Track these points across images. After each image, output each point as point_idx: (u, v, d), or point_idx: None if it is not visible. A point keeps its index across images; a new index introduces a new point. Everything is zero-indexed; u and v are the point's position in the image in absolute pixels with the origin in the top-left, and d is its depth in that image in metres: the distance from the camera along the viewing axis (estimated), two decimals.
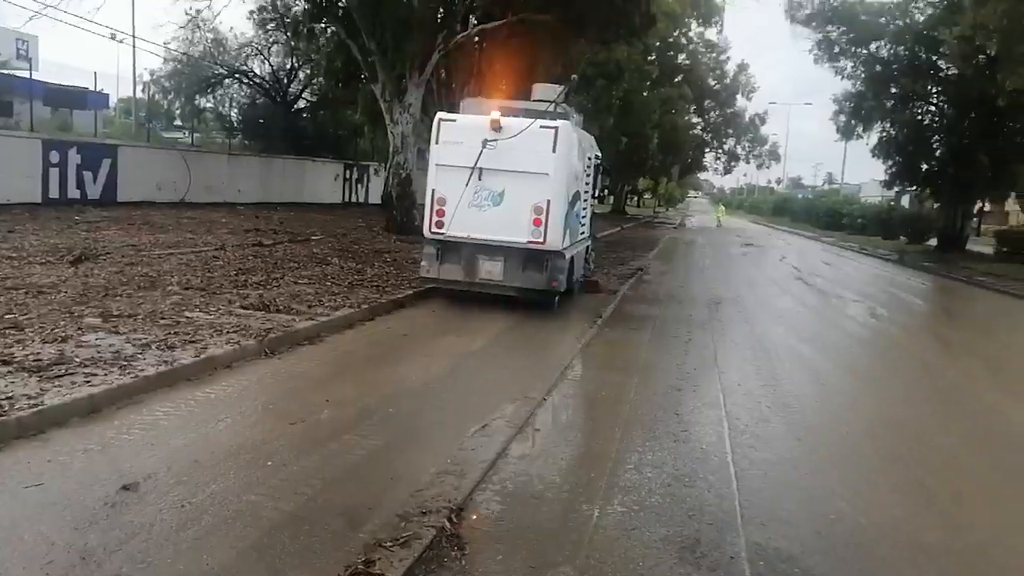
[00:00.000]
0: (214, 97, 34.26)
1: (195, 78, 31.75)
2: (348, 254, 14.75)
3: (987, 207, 45.11)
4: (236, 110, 35.29)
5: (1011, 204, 46.22)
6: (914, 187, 37.13)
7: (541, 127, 10.27)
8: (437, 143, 10.72)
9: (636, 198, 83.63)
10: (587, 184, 12.80)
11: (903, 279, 22.40)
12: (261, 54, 33.46)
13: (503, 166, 10.34)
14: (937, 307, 17.58)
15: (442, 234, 10.65)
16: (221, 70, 32.80)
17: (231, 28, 32.19)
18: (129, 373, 5.88)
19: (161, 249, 12.84)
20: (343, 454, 4.99)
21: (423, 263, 11.02)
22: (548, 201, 10.34)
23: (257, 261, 12.54)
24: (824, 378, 8.85)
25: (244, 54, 33.34)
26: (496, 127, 10.25)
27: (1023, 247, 26.69)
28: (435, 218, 10.66)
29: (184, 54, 30.11)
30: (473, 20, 21.68)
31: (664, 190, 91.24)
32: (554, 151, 10.29)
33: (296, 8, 23.61)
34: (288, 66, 34.32)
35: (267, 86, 34.32)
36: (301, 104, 35.38)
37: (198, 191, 23.36)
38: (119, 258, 11.35)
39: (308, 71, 32.67)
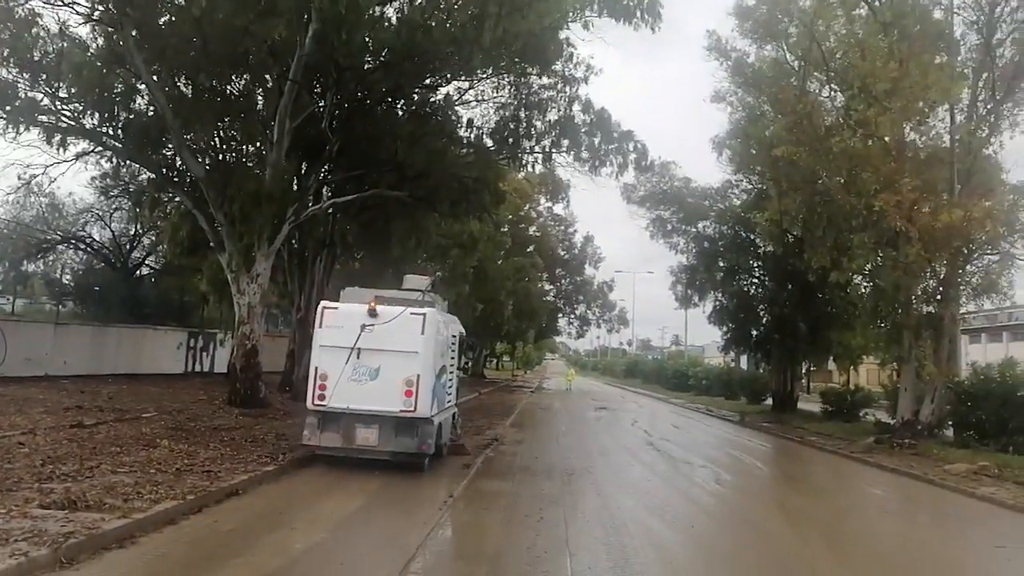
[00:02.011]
0: (44, 263, 32.18)
1: (23, 243, 29.85)
2: (182, 433, 13.61)
3: (813, 368, 49.16)
4: (69, 276, 33.23)
5: (832, 364, 50.66)
6: (747, 351, 40.04)
7: (411, 314, 11.99)
8: (321, 327, 12.25)
9: (495, 361, 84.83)
10: (452, 358, 14.45)
11: (744, 441, 23.48)
12: (102, 220, 32.20)
13: (379, 346, 11.84)
14: (776, 469, 18.42)
15: (324, 405, 11.89)
16: (55, 235, 31.10)
17: (70, 193, 30.76)
18: None
19: None
20: None
21: (305, 432, 12.09)
22: (418, 375, 11.85)
23: (72, 446, 11.27)
24: (672, 555, 8.82)
25: (83, 220, 31.95)
26: (373, 313, 11.89)
27: (843, 405, 28.94)
28: (317, 391, 11.92)
29: (11, 220, 28.41)
30: (327, 193, 22.12)
31: (521, 353, 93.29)
32: (423, 333, 11.95)
33: (142, 177, 23.11)
34: (131, 232, 33.15)
35: (106, 252, 32.79)
36: (144, 271, 33.91)
37: (15, 364, 21.20)
38: None
39: (152, 238, 31.65)
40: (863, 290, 24.12)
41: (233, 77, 19.16)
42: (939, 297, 20.68)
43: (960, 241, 18.98)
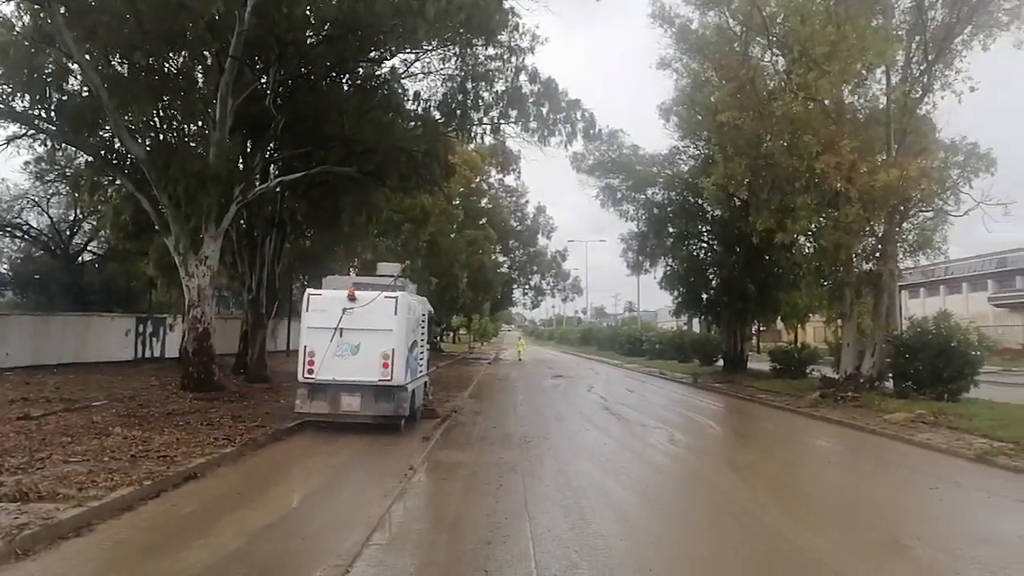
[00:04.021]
0: None
1: None
2: (135, 420, 13.46)
3: (763, 328, 50.49)
4: (7, 265, 32.15)
5: (780, 323, 52.07)
6: (698, 315, 40.88)
7: (385, 297, 14.09)
8: (308, 311, 14.22)
9: (451, 334, 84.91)
10: (423, 334, 16.59)
11: (697, 401, 24.11)
12: (38, 206, 31.12)
13: (358, 326, 13.85)
14: (727, 428, 18.97)
15: (313, 378, 13.89)
16: None
17: (3, 180, 29.59)
18: None
19: None
20: None
21: (297, 401, 14.18)
22: (393, 349, 13.91)
23: (20, 438, 11.08)
24: (629, 514, 9.11)
25: (18, 206, 30.84)
26: (352, 298, 13.90)
27: (790, 363, 29.86)
28: (307, 367, 13.91)
29: None
30: (274, 171, 21.75)
31: (478, 326, 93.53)
32: (396, 313, 13.99)
33: (79, 160, 22.33)
34: (71, 218, 32.13)
35: (45, 239, 31.75)
36: (86, 257, 32.97)
37: None
38: None
39: (93, 223, 30.75)
40: (807, 250, 24.75)
41: (171, 54, 18.58)
42: (878, 255, 21.41)
43: (897, 200, 19.65)
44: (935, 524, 8.78)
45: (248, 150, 20.57)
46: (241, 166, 20.06)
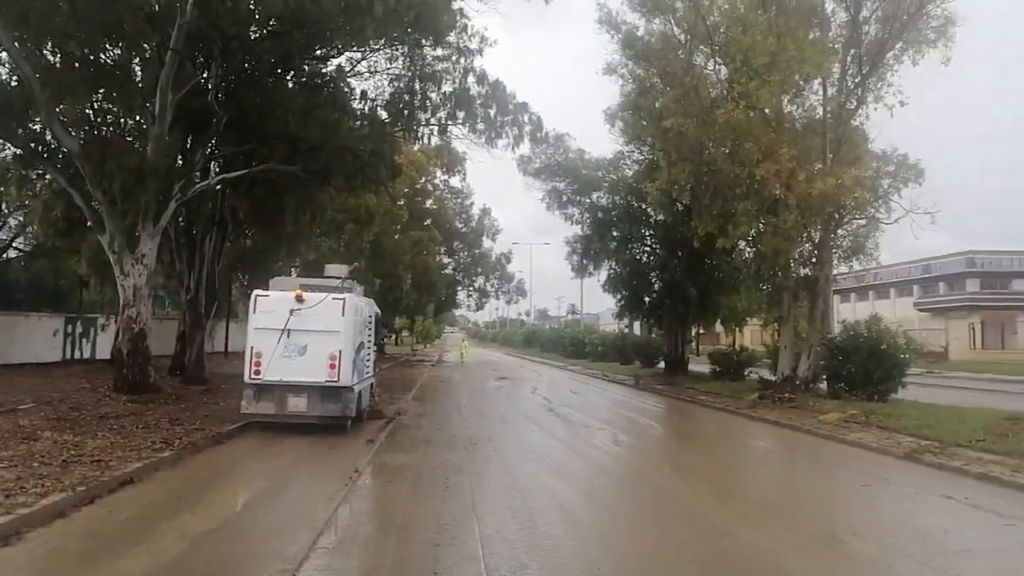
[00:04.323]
0: None
1: None
2: (65, 423, 12.91)
3: (702, 331, 51.53)
4: None
5: (719, 326, 53.28)
6: (640, 317, 41.51)
7: (333, 299, 14.12)
8: (255, 312, 14.22)
9: (394, 336, 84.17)
10: (369, 336, 16.69)
11: (639, 403, 24.48)
12: None
13: (306, 327, 13.88)
14: (669, 428, 19.32)
15: (260, 379, 13.84)
16: None
17: None
18: None
19: None
20: None
21: (243, 402, 14.09)
22: (340, 351, 13.98)
23: None
24: (575, 515, 9.21)
25: None
26: (300, 299, 13.92)
27: (729, 365, 30.57)
28: (253, 367, 13.86)
29: None
30: (215, 168, 21.21)
31: (421, 328, 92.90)
32: (343, 315, 14.08)
33: (6, 152, 21.34)
34: None
35: None
36: (12, 254, 31.52)
37: None
38: None
39: (20, 219, 29.42)
40: (747, 255, 25.40)
41: (108, 45, 17.92)
42: (814, 260, 22.10)
43: (832, 207, 20.34)
44: (868, 519, 9.12)
45: (189, 146, 19.98)
46: (181, 162, 19.43)
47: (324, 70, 20.86)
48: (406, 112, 21.37)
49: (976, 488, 10.30)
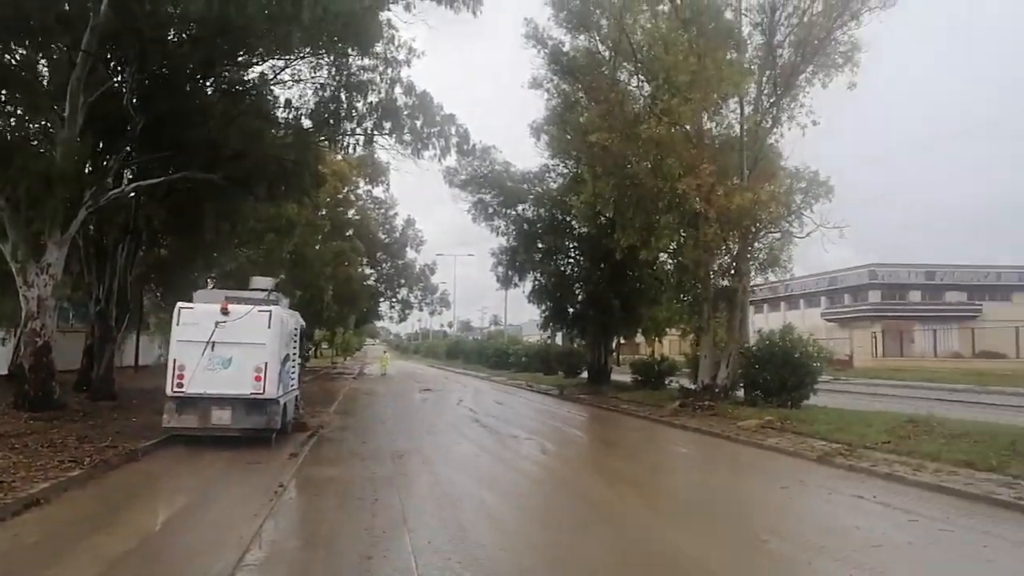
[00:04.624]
0: None
1: None
2: None
3: (624, 341, 52.49)
4: None
5: (640, 337, 54.42)
6: (564, 328, 41.99)
7: (259, 311, 14.15)
8: (178, 324, 14.00)
9: (313, 349, 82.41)
10: (295, 348, 16.65)
11: (564, 412, 24.74)
12: None
13: (231, 339, 13.75)
14: (594, 437, 19.59)
15: (182, 392, 13.65)
16: None
17: None
18: None
19: None
20: None
21: (165, 416, 13.84)
22: (266, 363, 13.93)
23: None
24: (506, 524, 9.25)
25: None
26: (225, 312, 13.84)
27: (651, 374, 31.24)
28: (176, 380, 13.68)
29: None
30: (129, 175, 20.35)
31: (342, 340, 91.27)
32: (269, 327, 14.08)
33: None
34: None
35: None
36: None
37: None
38: None
39: None
40: (668, 267, 26.13)
41: (13, 44, 16.99)
42: (733, 272, 22.92)
43: (749, 221, 21.16)
44: (787, 519, 9.51)
45: (101, 151, 19.14)
46: (92, 168, 18.59)
47: (246, 77, 20.35)
48: (331, 121, 21.05)
49: (884, 487, 10.85)
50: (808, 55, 21.27)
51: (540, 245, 35.31)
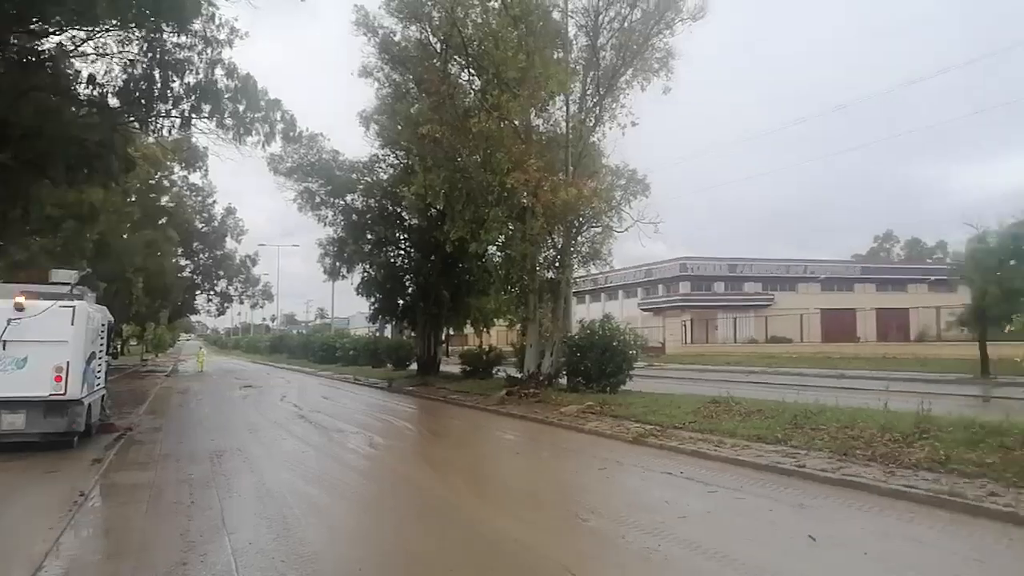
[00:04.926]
0: None
1: None
2: None
3: (453, 332, 52.97)
4: None
5: (469, 327, 55.18)
6: (393, 320, 41.67)
7: (61, 306, 13.14)
8: None
9: (120, 345, 75.99)
10: (101, 345, 15.67)
11: (393, 405, 24.59)
12: None
13: (28, 337, 12.70)
14: (423, 428, 19.64)
15: None
16: None
17: None
18: None
19: None
20: None
21: None
22: (68, 362, 12.97)
23: None
24: (335, 519, 9.08)
25: None
26: (20, 308, 12.70)
27: (479, 364, 31.80)
28: None
29: None
30: None
31: (152, 335, 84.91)
32: (72, 324, 13.15)
33: None
34: None
35: None
36: None
37: None
38: None
39: None
40: (497, 259, 26.63)
41: None
42: (557, 264, 23.80)
43: (573, 215, 22.09)
44: (605, 498, 10.07)
45: None
46: None
47: (41, 47, 18.32)
48: (143, 101, 19.48)
49: (690, 463, 11.80)
50: (628, 59, 22.48)
51: (370, 236, 34.74)
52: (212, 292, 67.62)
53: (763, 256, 78.68)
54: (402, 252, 36.15)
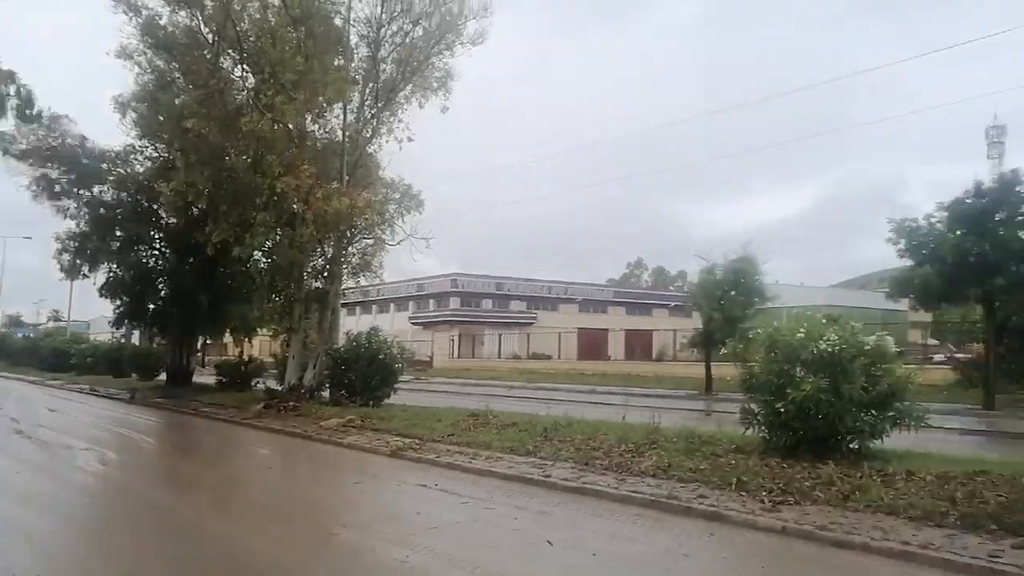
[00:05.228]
0: None
1: None
2: None
3: (210, 341, 49.58)
4: None
5: (228, 337, 51.99)
6: (142, 326, 38.15)
7: None
8: None
9: None
10: None
11: (134, 418, 22.53)
12: None
13: None
14: (167, 443, 18.23)
15: None
16: None
17: None
18: None
19: None
20: None
21: None
22: None
23: None
24: (50, 545, 8.16)
25: None
26: None
27: (237, 375, 30.12)
28: None
29: None
30: None
31: None
32: None
33: None
34: None
35: None
36: None
37: None
38: None
39: None
40: (262, 266, 25.52)
41: None
42: (326, 274, 23.38)
43: (345, 225, 21.87)
44: (358, 512, 10.05)
45: None
46: None
47: None
48: None
49: (445, 475, 12.12)
50: (408, 75, 22.81)
51: (119, 233, 31.44)
52: None
53: (528, 276, 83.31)
54: (156, 252, 33.16)
